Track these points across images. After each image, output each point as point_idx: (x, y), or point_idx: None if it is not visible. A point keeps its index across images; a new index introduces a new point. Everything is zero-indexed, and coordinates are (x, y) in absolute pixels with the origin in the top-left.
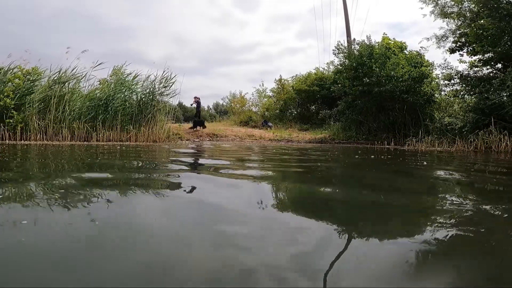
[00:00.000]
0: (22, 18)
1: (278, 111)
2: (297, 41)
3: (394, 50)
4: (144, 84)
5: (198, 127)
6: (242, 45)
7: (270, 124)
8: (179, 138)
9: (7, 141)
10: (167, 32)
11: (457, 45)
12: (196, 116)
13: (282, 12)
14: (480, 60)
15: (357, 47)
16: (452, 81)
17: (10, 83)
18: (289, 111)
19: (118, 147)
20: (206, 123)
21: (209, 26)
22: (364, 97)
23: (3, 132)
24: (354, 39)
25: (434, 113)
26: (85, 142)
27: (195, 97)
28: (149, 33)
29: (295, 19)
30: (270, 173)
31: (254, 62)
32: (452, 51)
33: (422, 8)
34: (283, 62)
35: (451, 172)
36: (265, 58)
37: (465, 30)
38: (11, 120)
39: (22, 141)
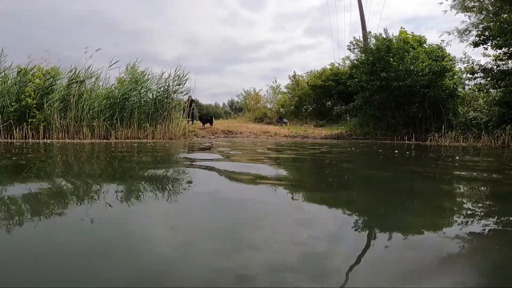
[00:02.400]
0: (42, 22)
1: (293, 107)
2: (307, 38)
3: (412, 44)
4: (158, 82)
5: (207, 124)
6: (252, 43)
7: (285, 120)
8: (194, 135)
9: (30, 140)
10: (179, 33)
11: (481, 38)
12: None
13: (289, 10)
14: (505, 53)
15: (373, 40)
16: (475, 75)
17: (30, 83)
18: (305, 107)
19: (152, 144)
20: (221, 120)
21: (218, 27)
22: (382, 92)
23: (26, 131)
24: (370, 32)
25: (458, 107)
26: (104, 140)
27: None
28: (163, 35)
29: (303, 16)
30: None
31: (264, 60)
32: (475, 44)
33: (441, 3)
34: (294, 59)
35: None
36: (275, 55)
37: (488, 24)
38: (33, 120)
39: (45, 140)
